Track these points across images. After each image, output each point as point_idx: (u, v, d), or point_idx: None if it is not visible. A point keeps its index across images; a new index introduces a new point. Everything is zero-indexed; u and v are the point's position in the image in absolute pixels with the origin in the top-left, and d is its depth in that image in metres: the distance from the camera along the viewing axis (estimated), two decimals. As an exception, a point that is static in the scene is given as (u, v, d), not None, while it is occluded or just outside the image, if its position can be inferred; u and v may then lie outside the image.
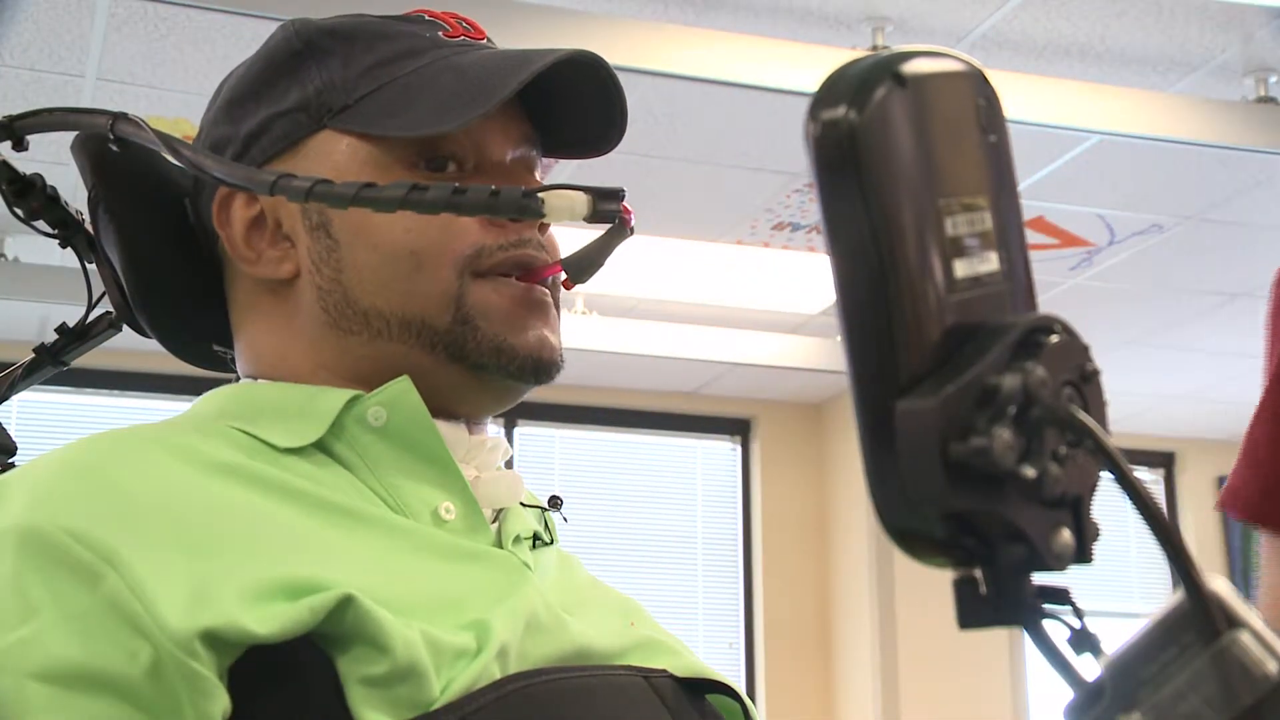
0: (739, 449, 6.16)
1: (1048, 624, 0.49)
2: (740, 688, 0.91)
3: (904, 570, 5.68)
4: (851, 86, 0.48)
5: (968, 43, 3.31)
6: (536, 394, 0.93)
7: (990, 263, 0.49)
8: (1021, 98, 3.21)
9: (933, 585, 4.95)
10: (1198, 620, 0.45)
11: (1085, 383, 0.48)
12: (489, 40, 0.96)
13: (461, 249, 0.87)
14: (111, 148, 0.88)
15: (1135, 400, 6.02)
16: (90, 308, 1.01)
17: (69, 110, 0.89)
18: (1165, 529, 0.45)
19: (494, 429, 0.96)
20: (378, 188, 0.72)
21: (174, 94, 3.45)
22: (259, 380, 0.91)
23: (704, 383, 5.91)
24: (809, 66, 3.10)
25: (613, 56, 2.94)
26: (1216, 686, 0.44)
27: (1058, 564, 0.48)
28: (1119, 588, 6.39)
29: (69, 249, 1.00)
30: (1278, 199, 4.12)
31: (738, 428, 6.16)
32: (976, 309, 0.48)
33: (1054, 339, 0.48)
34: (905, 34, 3.27)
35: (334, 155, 0.89)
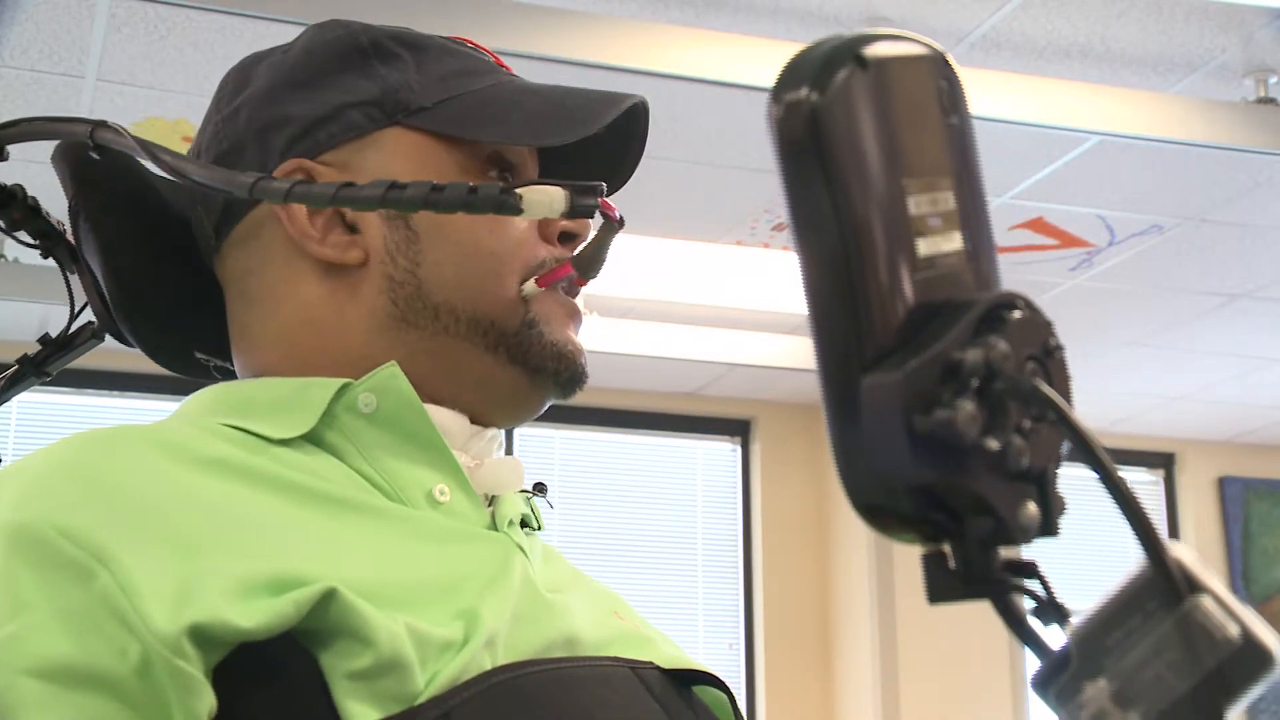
0: (739, 449, 6.15)
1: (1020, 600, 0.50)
2: (725, 678, 0.92)
3: (904, 570, 5.68)
4: (813, 68, 0.48)
5: (967, 43, 3.31)
6: (536, 394, 0.94)
7: (954, 242, 0.50)
8: (1021, 98, 3.21)
9: (933, 585, 4.93)
10: (1161, 587, 0.46)
11: (1049, 357, 0.49)
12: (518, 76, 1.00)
13: (529, 257, 0.91)
14: (92, 155, 0.89)
15: (1135, 400, 6.02)
16: (73, 318, 1.01)
17: (49, 119, 0.89)
18: (1127, 498, 0.46)
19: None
20: (357, 186, 0.73)
21: (174, 94, 3.45)
22: (269, 377, 0.91)
23: (704, 383, 5.91)
24: (809, 67, 3.09)
25: (613, 56, 2.95)
26: (1181, 651, 0.45)
27: (1024, 537, 0.49)
28: (1119, 588, 6.39)
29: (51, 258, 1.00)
30: (1278, 199, 4.12)
31: (738, 428, 6.16)
32: (940, 287, 0.49)
33: (1017, 315, 0.48)
34: (905, 34, 3.27)
35: (403, 151, 0.91)
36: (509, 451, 5.79)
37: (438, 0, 2.78)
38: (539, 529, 0.94)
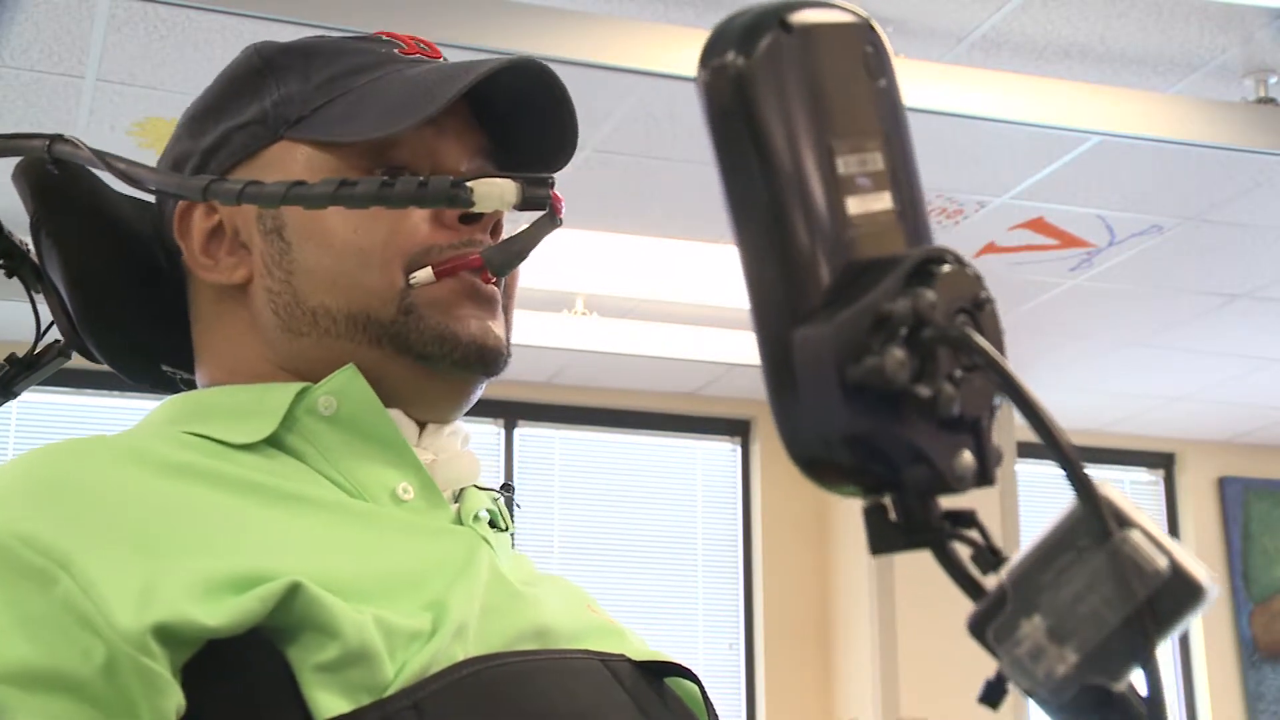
0: (739, 450, 6.15)
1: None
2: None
3: (904, 570, 5.68)
4: (739, 34, 0.49)
5: (968, 43, 3.31)
6: (536, 394, 0.94)
7: (884, 201, 0.51)
8: (1021, 98, 3.21)
9: (933, 585, 4.94)
10: (1091, 523, 0.46)
11: (979, 310, 0.50)
12: (445, 60, 0.97)
13: (410, 247, 0.89)
14: (50, 170, 0.89)
15: (1135, 400, 6.02)
16: (39, 337, 1.01)
17: (5, 136, 0.90)
18: (1055, 438, 0.47)
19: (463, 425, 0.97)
20: (308, 185, 0.73)
21: (174, 94, 3.45)
22: (228, 385, 0.92)
23: (704, 383, 5.91)
24: (809, 67, 3.09)
25: (613, 57, 2.95)
26: (1112, 584, 0.46)
27: (960, 484, 0.49)
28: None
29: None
30: (1278, 199, 4.12)
31: (738, 428, 6.16)
32: (871, 245, 0.50)
33: (946, 268, 0.49)
34: (905, 34, 3.27)
35: (290, 164, 0.91)
36: (509, 451, 5.79)
37: (439, 3, 2.78)
38: (507, 529, 0.94)
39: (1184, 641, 6.40)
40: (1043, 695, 0.47)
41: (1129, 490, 6.54)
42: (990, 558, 0.49)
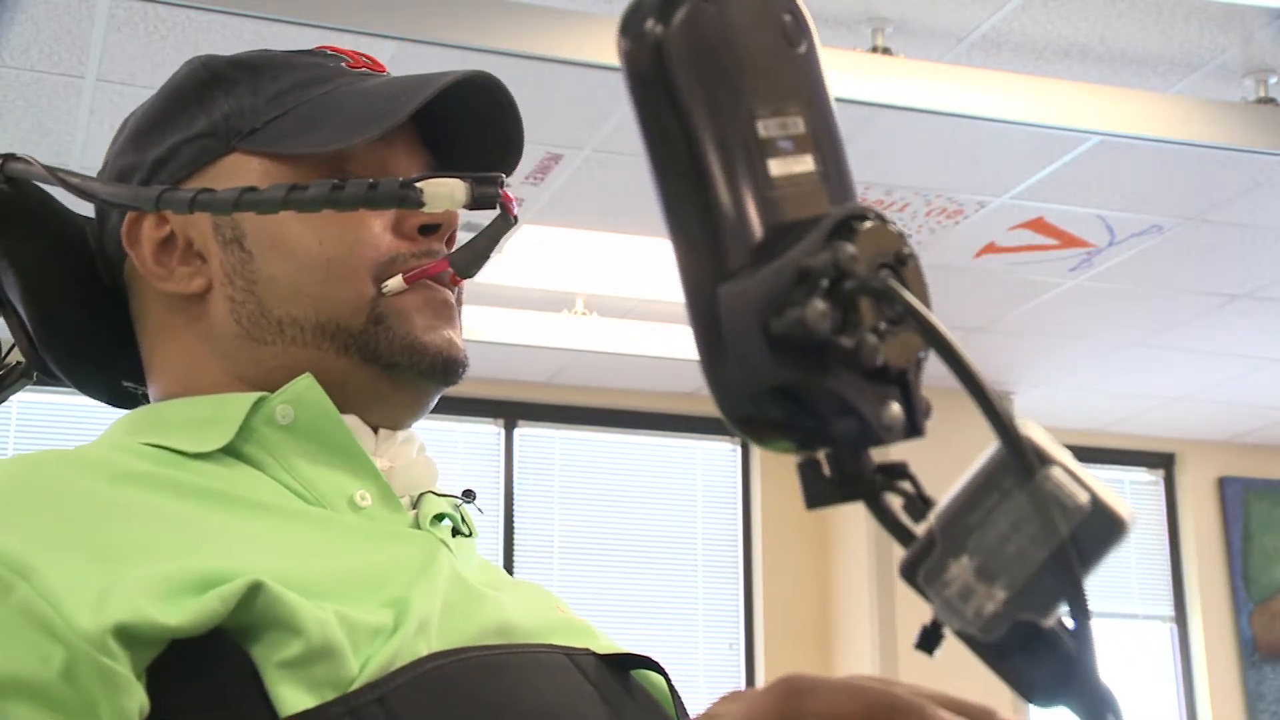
0: (739, 449, 6.15)
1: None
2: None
3: (904, 570, 5.68)
4: (658, 2, 0.50)
5: (968, 43, 3.31)
6: (536, 394, 0.94)
7: (806, 164, 0.52)
8: (1021, 98, 3.21)
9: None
10: (1014, 463, 0.47)
11: (902, 265, 0.50)
12: (389, 75, 0.99)
13: (375, 256, 0.90)
14: (3, 188, 0.89)
15: (1135, 400, 6.02)
16: (1, 359, 1.02)
17: None
18: (977, 382, 0.47)
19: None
20: (258, 191, 0.73)
21: (174, 94, 3.45)
22: (184, 398, 0.92)
23: (704, 384, 5.90)
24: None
25: (613, 57, 2.96)
26: (1037, 522, 0.47)
27: (888, 435, 0.50)
28: (1119, 588, 6.39)
29: None
30: (1278, 199, 4.12)
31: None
32: (795, 207, 0.51)
33: (868, 224, 0.50)
34: (905, 34, 3.27)
35: (244, 176, 0.91)
36: (509, 451, 5.80)
37: (439, 3, 2.78)
38: (470, 535, 0.95)
39: (1184, 641, 6.40)
40: (974, 634, 0.48)
41: (1129, 490, 6.54)
42: (921, 506, 0.50)
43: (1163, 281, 4.75)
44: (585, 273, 4.73)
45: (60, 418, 5.22)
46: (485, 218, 0.85)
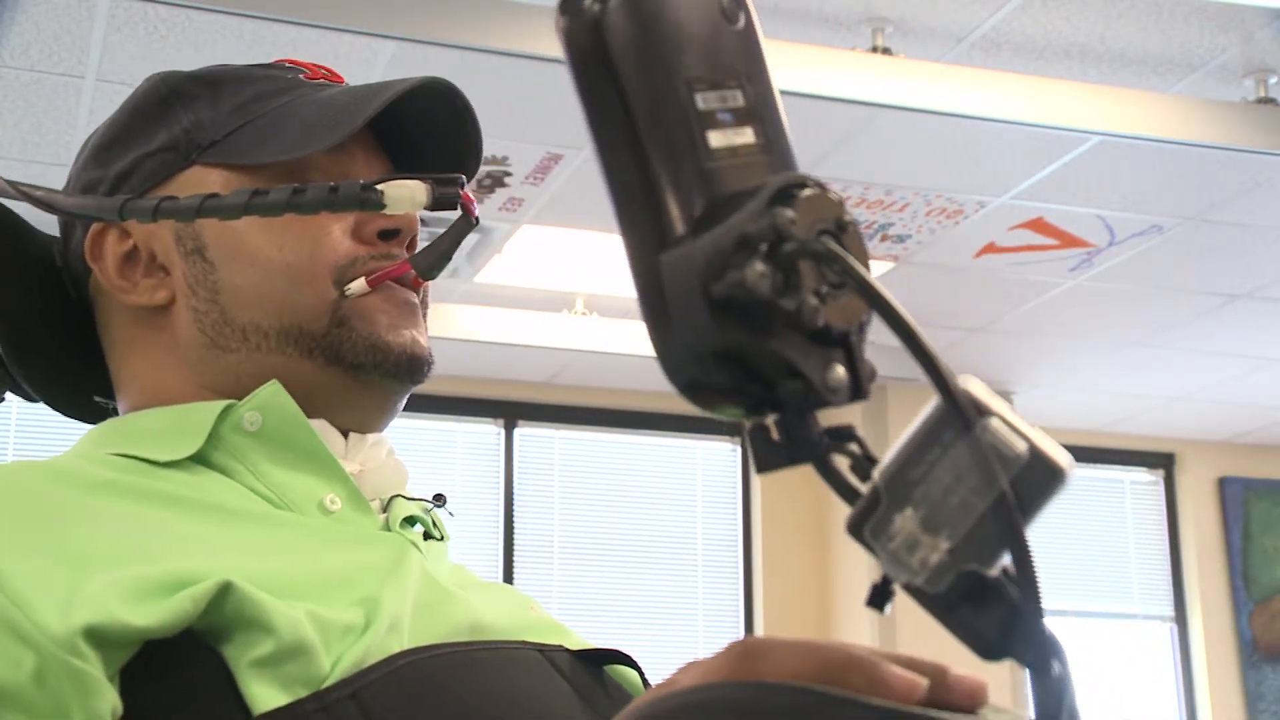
0: (739, 449, 6.15)
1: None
2: (636, 656, 0.92)
3: (904, 570, 5.68)
4: None
5: (968, 43, 3.31)
6: (536, 394, 0.94)
7: (746, 136, 0.53)
8: (1021, 98, 3.21)
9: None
10: (953, 416, 0.48)
11: (842, 231, 0.51)
12: (346, 85, 1.00)
13: (336, 260, 0.91)
14: None
15: (1135, 400, 6.02)
16: None
17: None
18: (916, 339, 0.48)
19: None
20: (220, 197, 0.74)
21: (174, 94, 3.45)
22: (152, 408, 0.93)
23: (704, 383, 5.91)
24: (809, 67, 3.09)
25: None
26: (978, 473, 0.47)
27: (834, 397, 0.51)
28: (1119, 588, 6.39)
29: None
30: (1278, 199, 4.12)
31: (737, 428, 6.14)
32: (736, 178, 0.51)
33: (807, 192, 0.51)
34: (905, 34, 3.27)
35: (205, 188, 0.91)
36: (509, 451, 5.80)
37: (439, 3, 2.78)
38: (442, 539, 0.95)
39: (1184, 641, 6.41)
40: (921, 585, 0.49)
41: (1129, 490, 6.54)
42: (867, 465, 0.51)
43: (1163, 281, 4.75)
44: (585, 273, 4.73)
45: (59, 420, 5.21)
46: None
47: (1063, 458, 0.48)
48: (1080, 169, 3.93)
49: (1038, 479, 0.48)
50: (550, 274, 4.75)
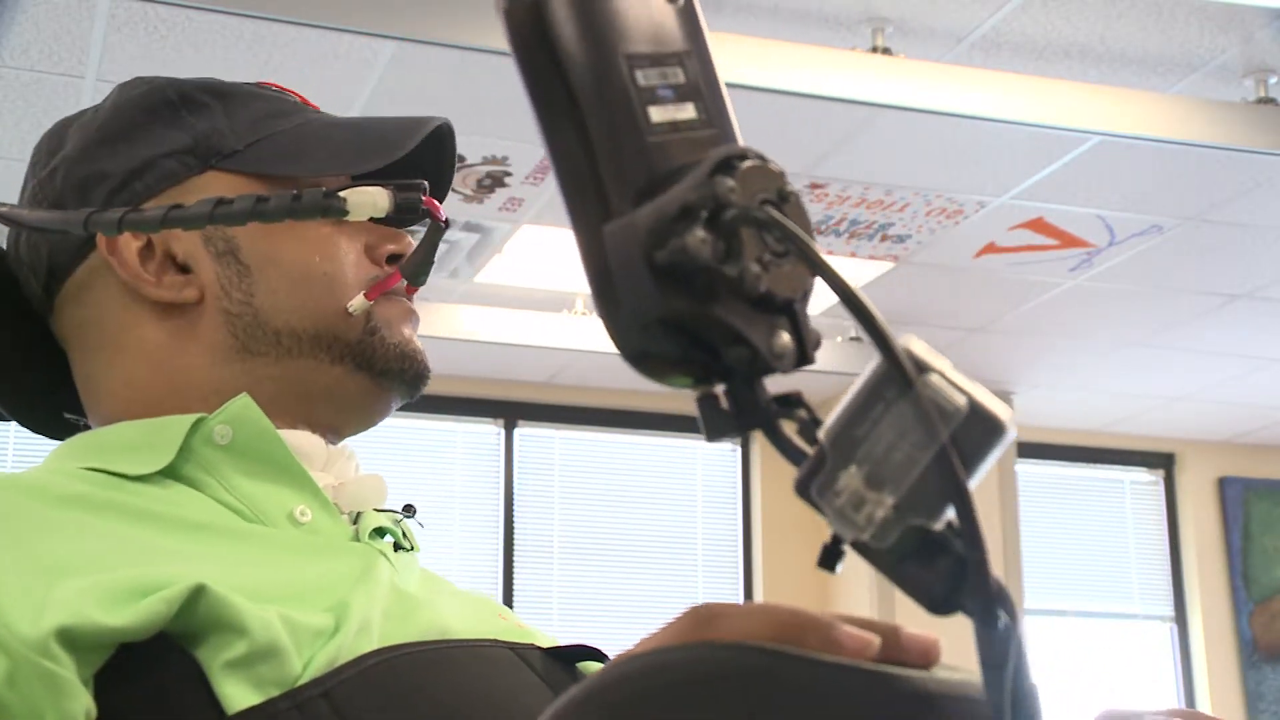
0: (739, 450, 6.16)
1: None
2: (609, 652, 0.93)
3: (904, 571, 5.68)
4: None
5: (968, 43, 3.31)
6: (536, 394, 0.95)
7: (687, 111, 0.54)
8: (1021, 98, 3.21)
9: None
10: (893, 374, 0.49)
11: (784, 201, 0.51)
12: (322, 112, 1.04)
13: (362, 274, 0.95)
14: None
15: (1135, 400, 6.02)
16: None
17: None
18: (857, 301, 0.49)
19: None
20: (184, 207, 0.74)
21: (174, 94, 3.45)
22: (123, 422, 0.93)
23: (704, 383, 5.91)
24: (809, 67, 3.09)
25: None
26: (919, 428, 0.48)
27: (780, 364, 0.51)
28: (1119, 588, 6.40)
29: None
30: (1278, 199, 4.12)
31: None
32: (678, 151, 0.52)
33: (749, 163, 0.51)
34: (905, 34, 3.27)
35: (220, 194, 0.92)
36: (509, 451, 5.79)
37: (439, 3, 2.78)
38: (413, 549, 0.96)
39: (1184, 641, 6.41)
40: (868, 542, 0.49)
41: (1129, 490, 6.54)
42: (814, 429, 0.51)
43: (1163, 281, 4.75)
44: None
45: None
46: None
47: (1002, 411, 0.49)
48: (1080, 169, 3.93)
49: (978, 433, 0.48)
50: (550, 274, 4.75)
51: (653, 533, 5.96)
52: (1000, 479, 5.83)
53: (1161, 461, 6.57)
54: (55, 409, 1.00)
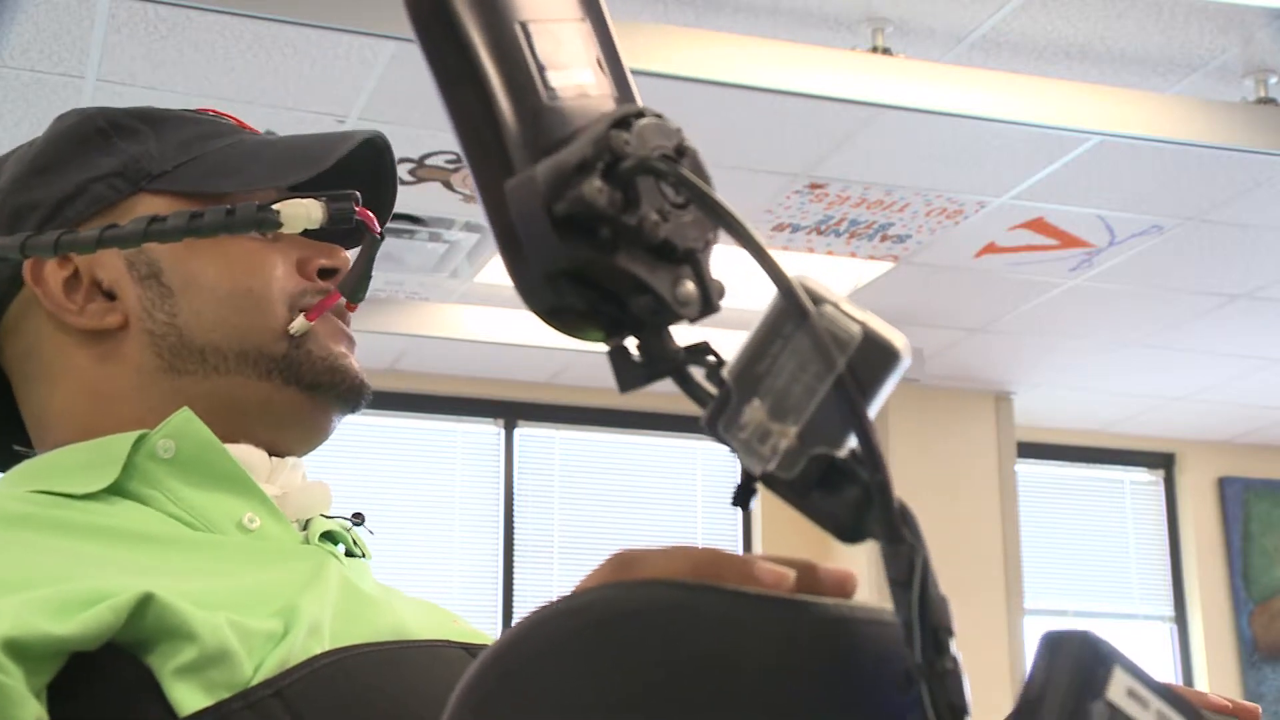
0: (739, 449, 6.15)
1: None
2: None
3: (904, 570, 5.68)
4: None
5: (968, 43, 3.31)
6: (536, 394, 0.95)
7: (585, 76, 0.55)
8: (1021, 98, 3.21)
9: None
10: (789, 307, 0.50)
11: (681, 155, 0.53)
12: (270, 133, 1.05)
13: (289, 288, 0.96)
14: None
15: (1135, 400, 6.02)
16: None
17: None
18: (753, 240, 0.50)
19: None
20: (119, 227, 0.74)
21: (174, 95, 3.45)
22: (67, 446, 0.93)
23: (704, 383, 5.91)
24: (809, 67, 3.09)
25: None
26: (817, 358, 0.50)
27: (685, 310, 0.53)
28: (1119, 588, 6.40)
29: None
30: (1278, 199, 4.12)
31: (738, 428, 6.16)
32: (576, 113, 0.54)
33: (645, 120, 0.53)
34: (905, 34, 3.27)
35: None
36: (509, 451, 5.79)
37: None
38: (364, 557, 0.97)
39: (1184, 641, 6.41)
40: (775, 473, 0.50)
41: (1129, 490, 6.54)
42: (719, 370, 0.53)
43: (1163, 281, 4.75)
44: (585, 273, 4.73)
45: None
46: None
47: (897, 339, 0.50)
48: (1080, 169, 3.93)
49: (873, 359, 0.50)
50: (550, 274, 4.75)
51: (653, 533, 5.95)
52: (1000, 479, 5.84)
53: (1161, 461, 6.57)
54: (5, 443, 1.01)
